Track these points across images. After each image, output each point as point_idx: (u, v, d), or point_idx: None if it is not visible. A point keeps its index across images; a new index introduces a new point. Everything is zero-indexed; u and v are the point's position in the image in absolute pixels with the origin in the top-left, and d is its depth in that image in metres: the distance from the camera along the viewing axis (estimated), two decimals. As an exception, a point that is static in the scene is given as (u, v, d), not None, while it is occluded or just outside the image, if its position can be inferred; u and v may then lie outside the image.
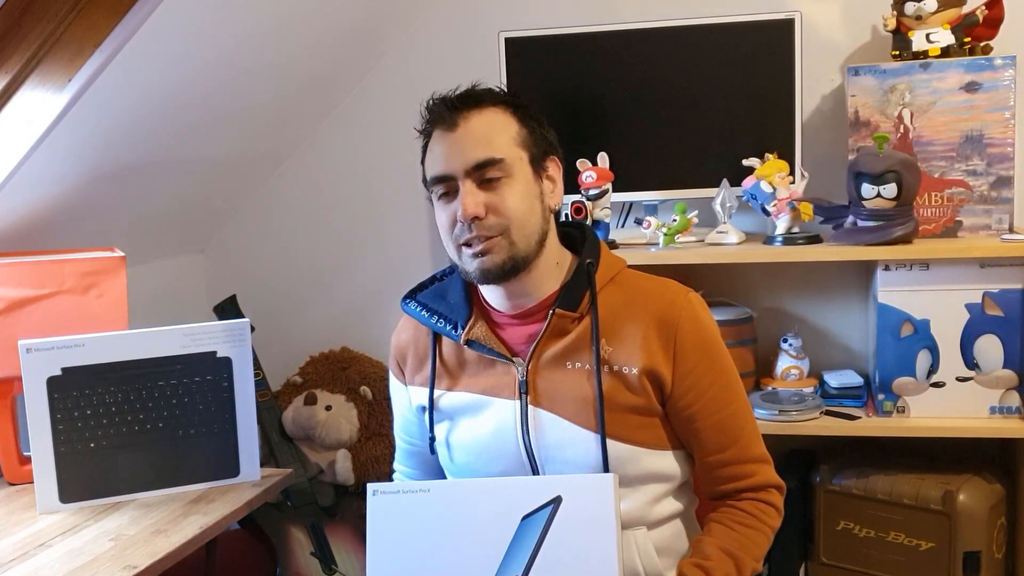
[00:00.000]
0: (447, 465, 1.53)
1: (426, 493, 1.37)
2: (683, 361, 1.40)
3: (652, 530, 1.43)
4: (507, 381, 1.44)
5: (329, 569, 2.19)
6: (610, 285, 1.44)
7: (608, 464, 1.38)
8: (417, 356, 1.52)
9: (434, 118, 1.41)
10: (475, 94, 1.41)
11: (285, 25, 2.10)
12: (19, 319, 1.74)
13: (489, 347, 1.43)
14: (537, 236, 1.39)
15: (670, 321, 1.40)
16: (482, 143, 1.37)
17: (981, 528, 2.00)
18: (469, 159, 1.36)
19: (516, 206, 1.36)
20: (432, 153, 1.41)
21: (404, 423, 1.59)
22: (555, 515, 1.29)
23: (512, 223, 1.36)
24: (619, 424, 1.39)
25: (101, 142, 1.93)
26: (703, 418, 1.42)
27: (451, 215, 1.38)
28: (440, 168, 1.38)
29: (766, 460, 1.47)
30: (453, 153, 1.37)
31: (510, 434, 1.43)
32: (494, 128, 1.39)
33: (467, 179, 1.36)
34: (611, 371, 1.40)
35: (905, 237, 1.99)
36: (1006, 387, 2.01)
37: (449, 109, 1.39)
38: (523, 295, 1.43)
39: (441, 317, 1.47)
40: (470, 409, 1.46)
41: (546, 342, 1.42)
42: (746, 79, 2.20)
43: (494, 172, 1.36)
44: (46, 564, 1.42)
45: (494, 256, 1.36)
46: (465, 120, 1.38)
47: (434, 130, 1.41)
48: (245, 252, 2.74)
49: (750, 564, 1.38)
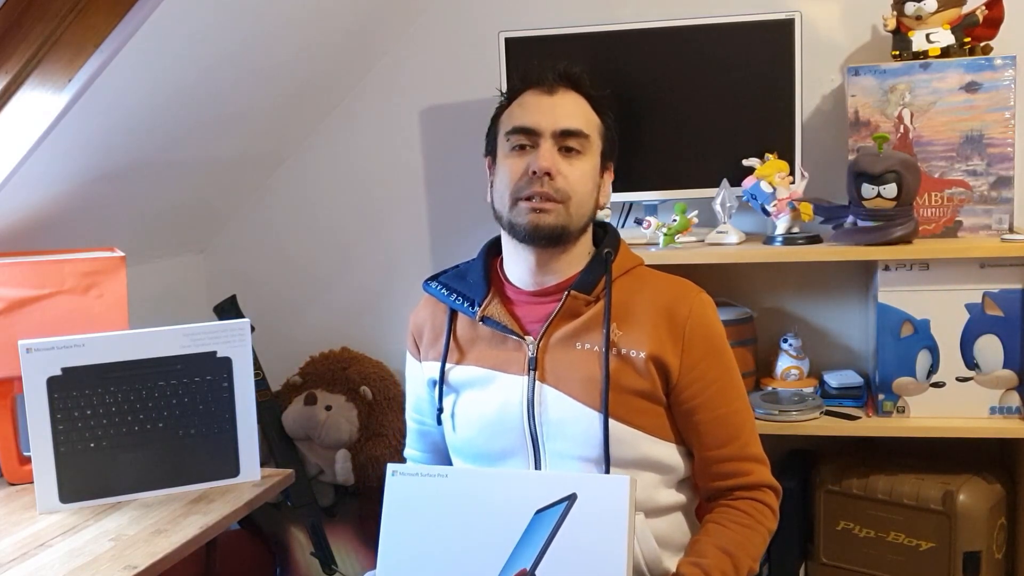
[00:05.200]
0: (451, 439, 1.56)
1: (443, 478, 1.39)
2: (690, 353, 1.44)
3: (651, 518, 1.44)
4: (517, 357, 1.48)
5: (329, 569, 2.19)
6: (626, 276, 1.50)
7: (608, 444, 1.41)
8: (433, 331, 1.58)
9: (534, 79, 1.49)
10: (575, 75, 1.50)
11: (285, 25, 2.10)
12: (19, 319, 1.74)
13: (503, 324, 1.48)
14: (587, 218, 1.49)
15: (681, 314, 1.45)
16: (574, 115, 1.47)
17: (981, 528, 2.00)
18: (560, 123, 1.45)
19: (583, 181, 1.46)
20: (522, 107, 1.48)
21: (416, 401, 1.63)
22: (569, 512, 1.30)
23: (575, 195, 1.44)
24: (623, 406, 1.42)
25: (101, 142, 1.93)
26: (704, 411, 1.45)
27: (523, 167, 1.44)
28: (529, 121, 1.45)
29: (763, 461, 1.49)
30: (546, 112, 1.45)
31: (516, 408, 1.46)
32: (585, 110, 1.49)
33: (551, 139, 1.44)
34: (619, 354, 1.44)
35: (905, 237, 1.99)
36: (1006, 387, 2.01)
37: (552, 76, 1.48)
38: (550, 272, 1.49)
39: (459, 295, 1.53)
40: (478, 382, 1.50)
41: (559, 322, 1.47)
42: (746, 79, 2.20)
43: (576, 143, 1.45)
44: (46, 564, 1.42)
45: (549, 216, 1.43)
46: (564, 92, 1.48)
47: (528, 89, 1.49)
48: (245, 252, 2.74)
49: (747, 563, 1.39)
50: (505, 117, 1.51)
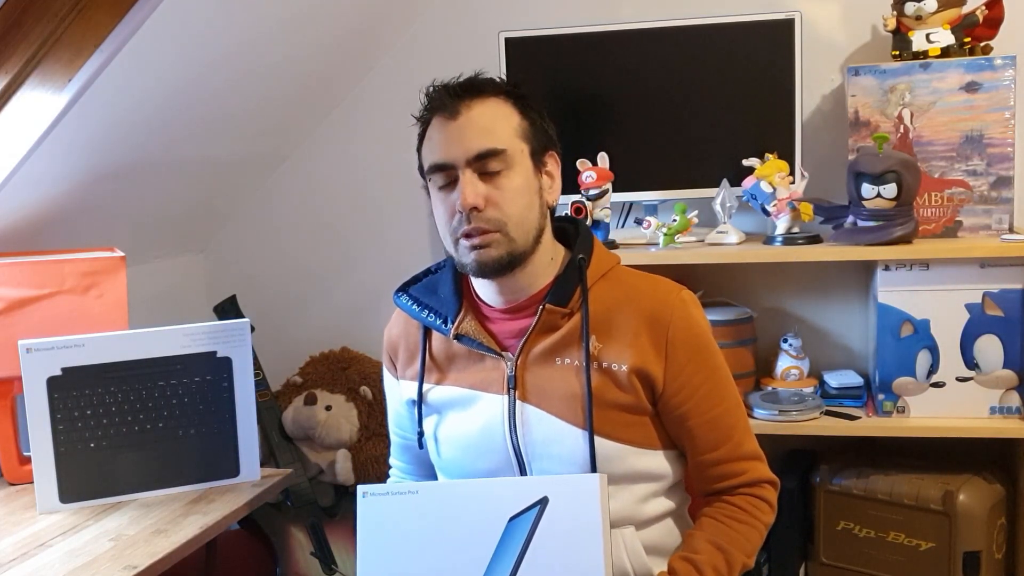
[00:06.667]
0: (435, 460, 1.52)
1: (414, 495, 1.37)
2: (674, 360, 1.39)
3: (641, 529, 1.42)
4: (496, 376, 1.42)
5: (329, 569, 2.19)
6: (602, 281, 1.43)
7: (596, 462, 1.37)
8: (408, 350, 1.52)
9: (435, 105, 1.38)
10: (478, 83, 1.39)
11: (285, 25, 2.10)
12: (19, 319, 1.74)
13: (479, 341, 1.42)
14: (534, 232, 1.38)
15: (662, 319, 1.39)
16: (484, 133, 1.34)
17: (981, 528, 2.00)
18: (471, 148, 1.33)
19: (515, 201, 1.35)
20: (431, 141, 1.38)
21: (396, 417, 1.59)
22: (542, 516, 1.29)
23: (510, 219, 1.34)
24: (607, 421, 1.38)
25: (101, 142, 1.93)
26: (695, 416, 1.41)
27: (450, 206, 1.36)
28: (440, 156, 1.36)
29: (759, 457, 1.46)
30: (454, 142, 1.35)
31: (498, 429, 1.42)
32: (496, 119, 1.36)
33: (467, 169, 1.34)
34: (600, 368, 1.39)
35: (905, 237, 1.99)
36: (1006, 387, 2.01)
37: (451, 96, 1.36)
38: (516, 290, 1.42)
39: (431, 311, 1.46)
40: (459, 403, 1.46)
41: (536, 337, 1.41)
42: (746, 79, 2.20)
43: (495, 164, 1.34)
44: (46, 564, 1.42)
45: (491, 251, 1.34)
46: (467, 109, 1.35)
47: (433, 117, 1.38)
48: (245, 252, 2.74)
49: (740, 559, 1.38)
50: (423, 151, 1.41)
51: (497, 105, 1.38)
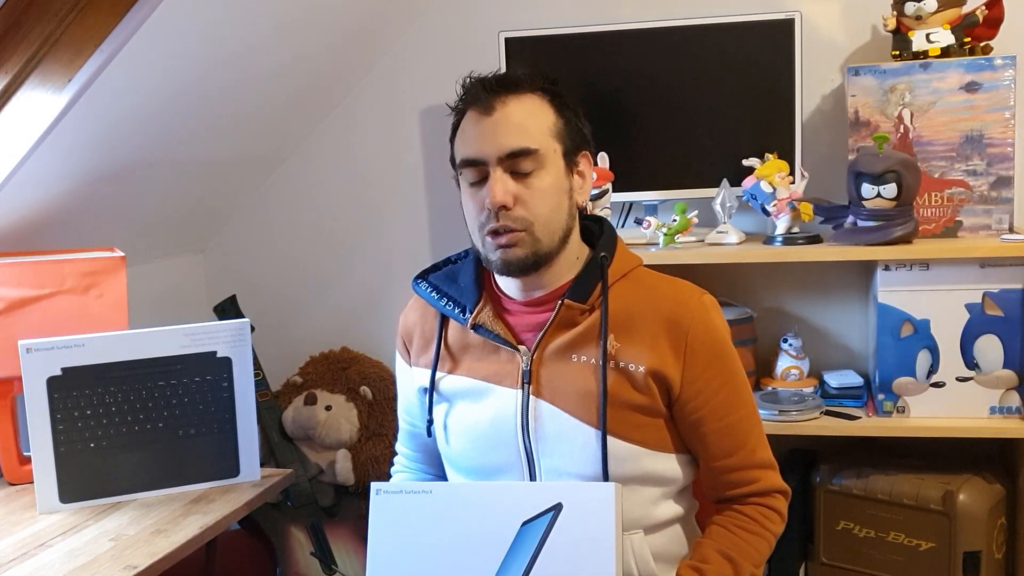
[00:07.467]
0: (444, 449, 1.52)
1: (428, 495, 1.37)
2: (693, 365, 1.38)
3: (650, 535, 1.42)
4: (510, 369, 1.42)
5: (329, 569, 2.19)
6: (623, 281, 1.42)
7: (607, 462, 1.36)
8: (423, 337, 1.51)
9: (470, 98, 1.37)
10: (515, 78, 1.38)
11: (285, 26, 2.10)
12: (19, 319, 1.74)
13: (495, 333, 1.42)
14: (561, 232, 1.38)
15: (682, 323, 1.38)
16: (518, 131, 1.33)
17: (981, 528, 2.00)
18: (503, 147, 1.33)
19: (544, 201, 1.35)
20: (464, 134, 1.38)
21: (407, 404, 1.59)
22: (555, 522, 1.28)
23: (538, 219, 1.34)
24: (621, 422, 1.37)
25: (101, 142, 1.93)
26: (710, 422, 1.40)
27: (479, 201, 1.35)
28: (472, 152, 1.35)
29: (772, 466, 1.45)
30: (487, 138, 1.34)
31: (509, 423, 1.41)
32: (531, 116, 1.35)
33: (498, 167, 1.33)
34: (617, 367, 1.38)
35: (905, 237, 1.99)
36: (1006, 387, 2.01)
37: (487, 91, 1.35)
38: (538, 286, 1.42)
39: (450, 300, 1.46)
40: (470, 394, 1.45)
41: (553, 332, 1.40)
42: (746, 79, 2.20)
43: (527, 163, 1.33)
44: (46, 564, 1.42)
45: (517, 250, 1.34)
46: (503, 105, 1.34)
47: (468, 110, 1.37)
48: (245, 252, 2.74)
49: (748, 569, 1.37)
50: (456, 144, 1.40)
51: (532, 102, 1.37)
